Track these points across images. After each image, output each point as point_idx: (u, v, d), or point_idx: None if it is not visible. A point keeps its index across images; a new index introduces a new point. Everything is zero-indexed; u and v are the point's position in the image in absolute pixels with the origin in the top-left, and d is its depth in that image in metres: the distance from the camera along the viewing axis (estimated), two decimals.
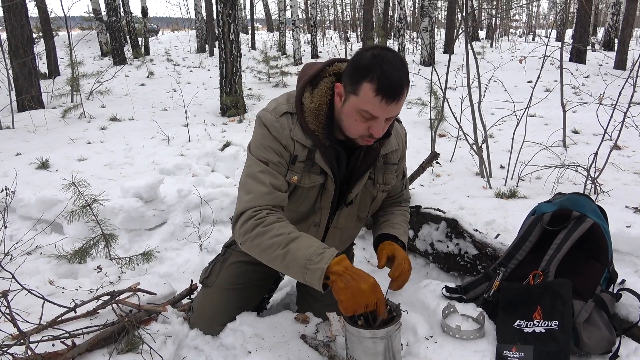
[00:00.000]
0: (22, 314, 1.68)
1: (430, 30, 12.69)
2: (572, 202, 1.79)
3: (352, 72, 1.41)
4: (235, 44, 6.81)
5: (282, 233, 1.43)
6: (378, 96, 1.35)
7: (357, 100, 1.39)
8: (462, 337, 1.56)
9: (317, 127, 1.52)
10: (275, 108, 1.56)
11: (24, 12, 7.00)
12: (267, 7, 31.79)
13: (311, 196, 1.63)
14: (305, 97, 1.54)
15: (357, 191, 1.66)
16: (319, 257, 1.37)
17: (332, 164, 1.57)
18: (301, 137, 1.53)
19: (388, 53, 1.38)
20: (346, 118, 1.47)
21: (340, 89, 1.46)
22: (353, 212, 1.75)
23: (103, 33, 15.40)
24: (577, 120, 5.38)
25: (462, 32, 4.02)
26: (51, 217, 2.95)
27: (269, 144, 1.53)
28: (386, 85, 1.35)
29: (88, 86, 8.00)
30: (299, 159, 1.55)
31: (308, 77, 1.56)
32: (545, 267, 1.65)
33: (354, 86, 1.39)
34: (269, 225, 1.45)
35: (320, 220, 1.70)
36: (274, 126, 1.53)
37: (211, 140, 4.91)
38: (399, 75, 1.37)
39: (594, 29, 21.02)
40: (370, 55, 1.38)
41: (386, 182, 1.73)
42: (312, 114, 1.52)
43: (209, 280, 1.88)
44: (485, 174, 3.62)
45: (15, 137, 5.47)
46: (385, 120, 1.44)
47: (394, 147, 1.69)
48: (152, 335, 1.69)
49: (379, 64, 1.35)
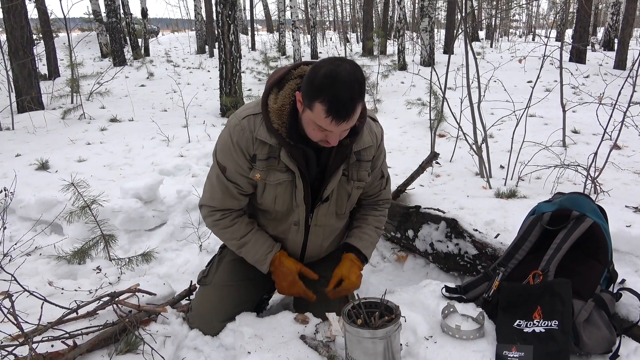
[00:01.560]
0: (22, 315, 1.68)
1: (429, 31, 12.69)
2: (571, 202, 1.79)
3: (306, 89, 1.45)
4: (235, 45, 6.81)
5: (234, 237, 1.77)
6: (328, 117, 1.41)
7: (312, 115, 1.45)
8: (462, 337, 1.55)
9: (280, 127, 1.59)
10: (241, 111, 1.66)
11: (24, 14, 7.00)
12: (267, 8, 31.85)
13: (282, 194, 1.70)
14: (270, 98, 1.61)
15: (332, 187, 1.71)
16: (262, 262, 1.78)
17: (298, 162, 1.63)
18: (265, 135, 1.60)
19: (341, 70, 1.39)
20: (305, 125, 1.54)
21: (299, 97, 1.51)
22: (331, 209, 1.80)
23: (103, 34, 15.40)
24: (576, 120, 5.37)
25: (462, 32, 4.01)
26: (50, 218, 2.95)
27: (228, 148, 1.64)
28: (335, 107, 1.39)
29: (88, 87, 8.00)
30: (259, 157, 1.63)
31: (273, 80, 1.63)
32: (545, 267, 1.65)
33: (308, 102, 1.45)
34: (224, 229, 1.77)
35: (299, 219, 1.77)
36: (234, 129, 1.62)
37: (211, 141, 4.91)
38: (350, 95, 1.39)
39: (593, 28, 21.03)
40: (322, 75, 1.40)
41: (360, 178, 1.76)
42: (275, 114, 1.58)
43: (207, 279, 1.91)
44: (485, 174, 3.62)
45: (15, 138, 5.47)
46: (341, 132, 1.50)
47: (367, 144, 1.72)
48: (152, 335, 1.69)
49: (330, 85, 1.38)
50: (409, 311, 1.68)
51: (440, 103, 4.78)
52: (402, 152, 4.74)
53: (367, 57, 13.97)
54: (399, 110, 6.86)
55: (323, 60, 1.46)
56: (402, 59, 12.54)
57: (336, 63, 1.41)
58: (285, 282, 1.77)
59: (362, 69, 1.47)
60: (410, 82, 9.09)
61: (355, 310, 1.52)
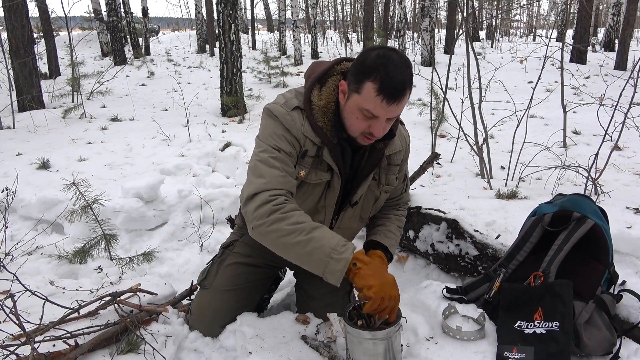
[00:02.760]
0: (23, 314, 1.68)
1: (430, 31, 12.69)
2: (572, 203, 1.79)
3: (356, 71, 1.43)
4: (236, 44, 6.81)
5: (303, 221, 1.42)
6: (379, 96, 1.37)
7: (360, 99, 1.42)
8: (463, 338, 1.56)
9: (326, 125, 1.54)
10: (287, 102, 1.57)
11: (25, 12, 7.00)
12: (268, 8, 31.81)
13: (315, 194, 1.63)
14: (314, 94, 1.56)
15: (362, 192, 1.68)
16: (343, 247, 1.38)
17: (338, 161, 1.58)
18: (311, 134, 1.55)
19: (393, 54, 1.40)
20: (348, 115, 1.49)
21: (344, 86, 1.49)
22: (356, 213, 1.76)
23: (103, 33, 15.41)
24: (577, 121, 5.38)
25: (463, 32, 4.02)
26: (52, 218, 2.95)
27: (281, 133, 1.53)
28: (388, 85, 1.37)
29: (88, 86, 8.01)
30: (309, 154, 1.56)
31: (316, 75, 1.58)
32: (546, 268, 1.65)
33: (357, 85, 1.42)
34: (289, 212, 1.42)
35: (324, 220, 1.70)
36: (285, 118, 1.53)
37: (212, 141, 4.92)
38: (402, 77, 1.38)
39: (594, 29, 21.02)
40: (375, 55, 1.39)
41: (389, 182, 1.74)
42: (320, 112, 1.54)
43: (206, 282, 1.86)
44: (486, 174, 3.62)
45: (15, 137, 5.47)
46: (386, 120, 1.45)
47: (398, 148, 1.72)
48: (153, 335, 1.69)
49: (383, 64, 1.37)
50: (410, 312, 1.68)
51: (441, 103, 4.79)
52: None
53: None
54: None
55: (370, 47, 1.46)
56: None
57: (387, 48, 1.43)
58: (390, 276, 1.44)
59: None
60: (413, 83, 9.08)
61: (356, 310, 1.52)
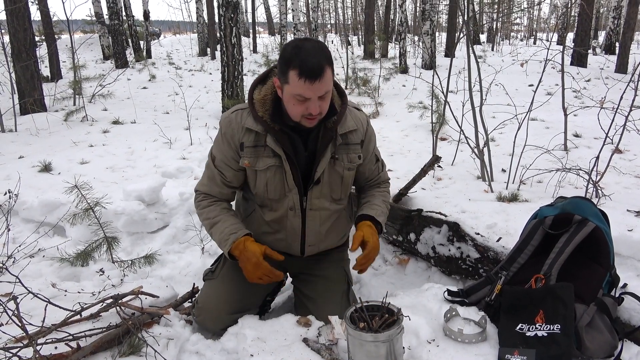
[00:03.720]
0: (26, 317, 1.68)
1: (431, 34, 12.72)
2: (573, 206, 1.79)
3: (280, 65, 1.63)
4: (237, 48, 6.82)
5: (208, 217, 1.86)
6: (301, 79, 1.55)
7: (289, 87, 1.60)
8: (464, 341, 1.56)
9: (264, 114, 1.75)
10: (231, 108, 1.86)
11: (27, 16, 7.02)
12: (269, 11, 31.89)
13: (273, 180, 1.81)
14: (255, 93, 1.80)
15: (321, 169, 1.81)
16: (225, 242, 1.78)
17: (285, 146, 1.75)
18: (251, 123, 1.76)
19: (306, 42, 1.61)
20: (287, 104, 1.67)
21: (277, 81, 1.68)
22: (325, 192, 1.88)
23: (105, 36, 15.45)
24: (578, 124, 5.38)
25: (464, 35, 4.02)
26: (54, 220, 2.96)
27: (219, 140, 1.83)
28: (306, 68, 1.54)
29: (90, 89, 8.03)
30: (246, 144, 1.78)
31: (258, 78, 1.84)
32: (547, 271, 1.65)
33: (284, 76, 1.61)
34: (203, 208, 1.89)
35: (294, 204, 1.84)
36: (224, 122, 1.82)
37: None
38: (317, 58, 1.56)
39: (595, 32, 21.05)
40: (290, 47, 1.60)
41: (350, 160, 1.87)
42: (259, 103, 1.76)
43: (214, 274, 1.97)
44: (487, 177, 3.62)
45: (17, 140, 5.48)
46: (319, 98, 1.61)
47: (352, 127, 1.85)
48: (154, 338, 1.69)
49: (297, 53, 1.57)
50: (411, 314, 1.68)
51: (441, 106, 4.79)
52: (403, 155, 4.75)
53: (368, 60, 13.99)
54: (401, 114, 6.87)
55: (287, 43, 1.67)
56: (404, 62, 12.56)
57: (301, 39, 1.64)
58: (249, 264, 1.76)
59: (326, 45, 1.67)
60: (411, 85, 9.11)
61: (358, 313, 1.52)
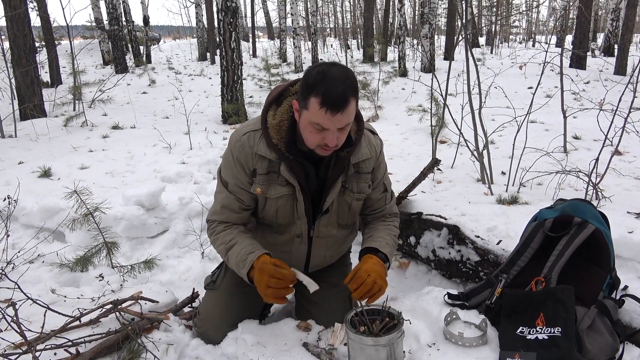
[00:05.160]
0: (25, 323, 1.68)
1: (430, 37, 12.75)
2: (573, 208, 1.79)
3: (301, 89, 1.53)
4: (237, 52, 6.84)
5: (223, 242, 1.73)
6: (323, 108, 1.45)
7: (308, 114, 1.51)
8: (465, 344, 1.55)
9: (279, 141, 1.64)
10: (241, 128, 1.73)
11: (27, 22, 7.04)
12: (268, 15, 32.00)
13: (283, 207, 1.73)
14: (269, 115, 1.67)
15: (331, 199, 1.74)
16: (242, 263, 1.65)
17: (298, 176, 1.67)
18: (265, 150, 1.65)
19: (332, 68, 1.50)
20: (303, 131, 1.57)
21: (296, 105, 1.58)
22: (332, 220, 1.81)
23: (105, 42, 15.49)
24: (577, 126, 5.38)
25: (462, 38, 4.03)
26: (53, 226, 2.95)
27: (230, 165, 1.71)
28: (329, 98, 1.45)
29: (90, 95, 8.04)
30: (259, 171, 1.68)
31: (272, 97, 1.70)
32: (548, 274, 1.65)
33: (304, 101, 1.51)
34: (217, 234, 1.77)
35: (302, 232, 1.79)
36: (235, 146, 1.68)
37: (212, 148, 4.93)
38: (342, 88, 1.46)
39: (593, 34, 21.10)
40: (315, 72, 1.49)
41: (360, 190, 1.79)
42: (274, 130, 1.64)
43: (215, 284, 1.93)
44: (487, 180, 3.62)
45: (17, 145, 5.49)
46: (338, 130, 1.52)
47: (366, 156, 1.76)
48: (154, 343, 1.69)
49: (322, 79, 1.46)
50: (412, 318, 1.68)
51: (441, 109, 4.80)
52: (403, 159, 4.75)
53: (367, 63, 14.03)
54: (400, 117, 6.88)
55: (312, 66, 1.56)
56: (403, 65, 12.58)
57: (327, 64, 1.53)
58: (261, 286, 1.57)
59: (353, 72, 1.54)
60: (411, 88, 9.12)
61: (358, 317, 1.52)
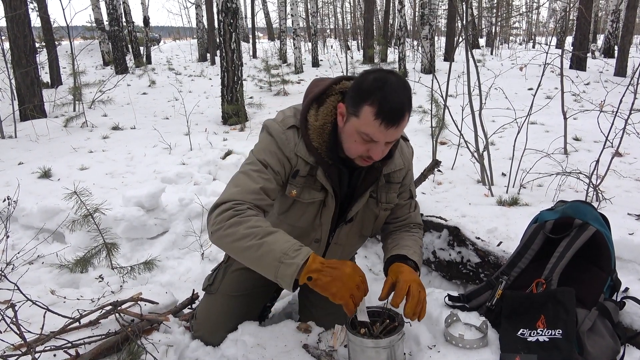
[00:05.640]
0: (24, 324, 1.68)
1: (430, 39, 12.76)
2: (574, 210, 1.78)
3: (354, 94, 1.41)
4: (237, 53, 6.85)
5: (259, 225, 1.40)
6: (377, 120, 1.35)
7: (358, 122, 1.40)
8: (465, 346, 1.55)
9: (321, 145, 1.52)
10: (283, 120, 1.57)
11: (27, 22, 7.05)
12: (268, 16, 32.00)
13: (310, 212, 1.64)
14: (310, 114, 1.54)
15: (357, 209, 1.66)
16: (295, 252, 1.34)
17: (334, 182, 1.57)
18: (304, 153, 1.54)
19: (391, 76, 1.38)
20: (346, 138, 1.47)
21: (343, 109, 1.47)
22: (354, 230, 1.74)
23: (105, 42, 15.50)
24: (578, 128, 5.38)
25: (463, 40, 4.04)
26: (53, 227, 2.95)
27: (273, 150, 1.54)
28: (386, 109, 1.34)
29: (90, 95, 8.04)
30: (301, 173, 1.55)
31: (314, 94, 1.56)
32: (548, 276, 1.65)
33: (355, 108, 1.39)
34: (248, 217, 1.41)
35: (321, 237, 1.71)
36: (280, 137, 1.54)
37: (212, 149, 4.93)
38: (400, 100, 1.36)
39: (594, 36, 21.11)
40: (372, 78, 1.38)
41: (389, 201, 1.72)
42: (316, 132, 1.52)
43: (212, 287, 1.88)
44: (487, 181, 3.62)
45: (17, 146, 5.49)
46: (385, 143, 1.43)
47: (399, 166, 1.69)
48: (154, 344, 1.68)
49: (380, 87, 1.35)
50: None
51: (441, 111, 4.80)
52: None
53: (368, 64, 14.03)
54: None
55: (369, 70, 1.44)
56: (403, 66, 12.59)
57: (385, 71, 1.41)
58: (347, 267, 1.36)
59: None
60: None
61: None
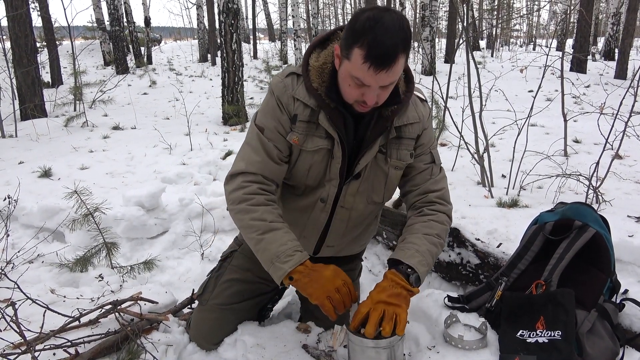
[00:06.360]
0: (24, 323, 1.68)
1: (431, 40, 12.77)
2: (574, 212, 1.78)
3: (346, 35, 1.33)
4: (237, 54, 6.85)
5: (264, 219, 1.44)
6: (366, 63, 1.27)
7: (349, 66, 1.33)
8: (465, 347, 1.55)
9: (320, 86, 1.47)
10: (284, 71, 1.56)
11: (28, 22, 7.07)
12: (269, 17, 32.06)
13: (318, 163, 1.55)
14: (312, 57, 1.51)
15: (365, 162, 1.55)
16: (287, 258, 1.39)
17: (338, 127, 1.49)
18: (304, 95, 1.49)
19: (385, 15, 1.28)
20: (342, 82, 1.41)
21: (337, 50, 1.39)
22: (363, 190, 1.62)
23: (106, 42, 15.53)
24: (578, 130, 5.38)
25: (463, 41, 4.04)
26: (53, 226, 2.95)
27: (270, 108, 1.53)
28: (376, 52, 1.25)
29: (91, 95, 8.05)
30: (300, 118, 1.50)
31: (317, 39, 1.53)
32: (548, 277, 1.65)
33: (347, 50, 1.32)
34: (256, 206, 1.45)
35: (328, 195, 1.60)
36: (277, 86, 1.52)
37: (213, 149, 4.93)
38: (393, 41, 1.26)
39: (594, 38, 21.12)
40: (365, 17, 1.28)
41: (400, 157, 1.59)
42: (315, 72, 1.48)
43: (203, 298, 1.83)
44: (487, 183, 3.62)
45: (18, 145, 5.49)
46: (380, 88, 1.35)
47: (411, 120, 1.57)
48: (153, 344, 1.68)
49: (371, 27, 1.25)
50: (411, 320, 1.67)
51: (441, 112, 4.80)
52: None
53: None
54: None
55: (364, 8, 1.35)
56: None
57: (381, 9, 1.31)
58: (327, 270, 1.41)
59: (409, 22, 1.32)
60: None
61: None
